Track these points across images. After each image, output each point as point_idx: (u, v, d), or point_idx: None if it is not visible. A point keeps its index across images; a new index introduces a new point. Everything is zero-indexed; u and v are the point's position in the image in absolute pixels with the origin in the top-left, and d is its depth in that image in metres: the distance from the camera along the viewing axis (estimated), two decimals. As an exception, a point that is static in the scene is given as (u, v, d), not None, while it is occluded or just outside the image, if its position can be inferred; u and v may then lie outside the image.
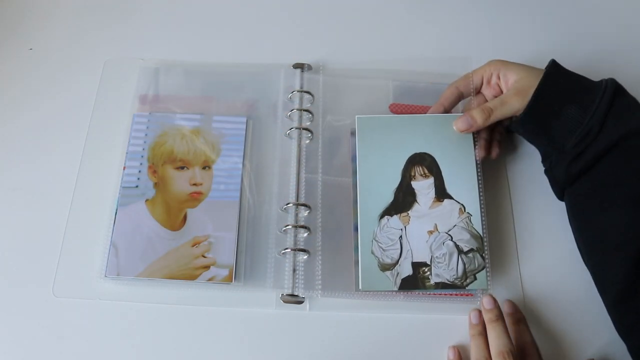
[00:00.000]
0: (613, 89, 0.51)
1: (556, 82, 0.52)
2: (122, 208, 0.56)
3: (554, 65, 0.54)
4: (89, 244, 0.55)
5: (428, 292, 0.53)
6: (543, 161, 0.57)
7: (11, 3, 0.72)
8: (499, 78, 0.57)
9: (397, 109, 0.62)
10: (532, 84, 0.53)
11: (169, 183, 0.57)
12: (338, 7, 0.72)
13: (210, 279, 0.53)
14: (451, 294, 0.53)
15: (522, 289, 0.55)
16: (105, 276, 0.53)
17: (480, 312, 0.52)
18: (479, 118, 0.55)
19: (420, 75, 0.65)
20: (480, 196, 0.54)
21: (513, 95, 0.54)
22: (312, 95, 0.63)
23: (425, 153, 0.56)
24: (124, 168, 0.58)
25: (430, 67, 0.66)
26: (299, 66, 0.65)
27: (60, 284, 0.54)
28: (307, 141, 0.60)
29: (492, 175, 0.59)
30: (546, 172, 0.56)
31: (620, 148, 0.50)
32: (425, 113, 0.61)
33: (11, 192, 0.59)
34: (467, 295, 0.53)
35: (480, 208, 0.54)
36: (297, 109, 0.61)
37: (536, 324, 0.53)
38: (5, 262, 0.55)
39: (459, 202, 0.54)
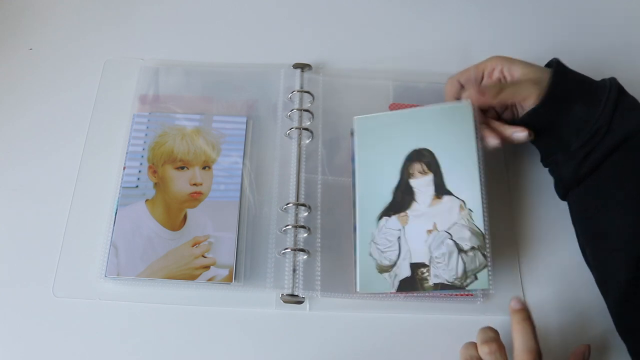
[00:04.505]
0: (617, 89, 0.51)
1: (564, 80, 0.52)
2: (122, 208, 0.56)
3: (559, 64, 0.53)
4: (89, 244, 0.55)
5: (427, 294, 0.52)
6: (543, 160, 0.57)
7: (11, 3, 0.72)
8: (502, 73, 0.56)
9: (397, 109, 0.62)
10: (541, 77, 0.52)
11: (169, 183, 0.57)
12: (338, 7, 0.72)
13: (210, 279, 0.53)
14: (451, 294, 0.53)
15: (522, 289, 0.55)
16: (105, 276, 0.53)
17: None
18: (489, 91, 0.53)
19: (420, 75, 0.65)
20: (482, 190, 0.52)
21: (526, 81, 0.53)
22: (312, 96, 0.63)
23: (423, 149, 0.55)
24: (124, 168, 0.58)
25: (431, 67, 0.66)
26: (299, 66, 0.65)
27: (60, 284, 0.54)
28: (307, 141, 0.60)
29: (491, 175, 0.59)
30: (551, 172, 0.56)
31: (624, 148, 0.50)
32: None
33: (11, 192, 0.59)
34: (467, 295, 0.53)
35: (482, 203, 0.52)
36: (297, 109, 0.61)
37: (536, 326, 0.53)
38: (6, 262, 0.55)
39: (459, 198, 0.52)
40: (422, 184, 0.54)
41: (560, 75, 0.52)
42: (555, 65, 0.53)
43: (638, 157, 0.50)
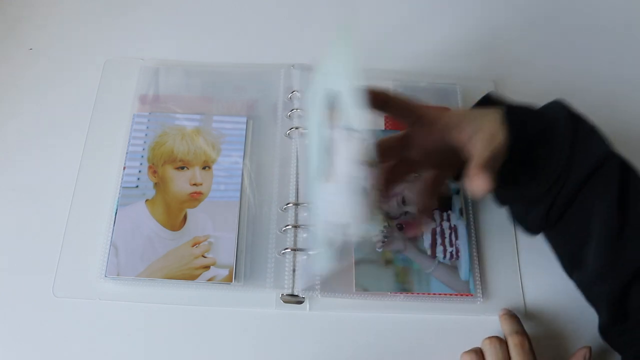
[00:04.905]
0: (569, 117, 0.47)
1: (518, 124, 0.46)
2: (122, 208, 0.56)
3: (510, 108, 0.47)
4: (89, 244, 0.55)
5: (427, 292, 0.52)
6: (498, 200, 0.52)
7: (11, 3, 0.72)
8: (447, 130, 0.47)
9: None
10: (493, 130, 0.45)
11: (169, 183, 0.57)
12: (338, 7, 0.72)
13: (210, 279, 0.53)
14: (451, 294, 0.53)
15: (522, 290, 0.55)
16: (105, 276, 0.53)
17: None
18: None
19: (420, 75, 0.65)
20: (361, 108, 0.40)
21: (480, 139, 0.45)
22: (312, 95, 0.63)
23: (324, 90, 0.46)
24: (124, 168, 0.58)
25: (431, 66, 0.66)
26: (299, 66, 0.65)
27: (60, 284, 0.54)
28: (307, 141, 0.60)
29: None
30: (515, 220, 0.53)
31: (590, 184, 0.46)
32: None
33: (11, 192, 0.59)
34: (466, 295, 0.53)
35: (364, 124, 0.40)
36: (297, 109, 0.61)
37: (536, 326, 0.53)
38: (5, 262, 0.55)
39: (352, 128, 0.41)
40: (336, 131, 0.44)
41: (515, 123, 0.46)
42: (507, 111, 0.46)
43: (601, 193, 0.46)
